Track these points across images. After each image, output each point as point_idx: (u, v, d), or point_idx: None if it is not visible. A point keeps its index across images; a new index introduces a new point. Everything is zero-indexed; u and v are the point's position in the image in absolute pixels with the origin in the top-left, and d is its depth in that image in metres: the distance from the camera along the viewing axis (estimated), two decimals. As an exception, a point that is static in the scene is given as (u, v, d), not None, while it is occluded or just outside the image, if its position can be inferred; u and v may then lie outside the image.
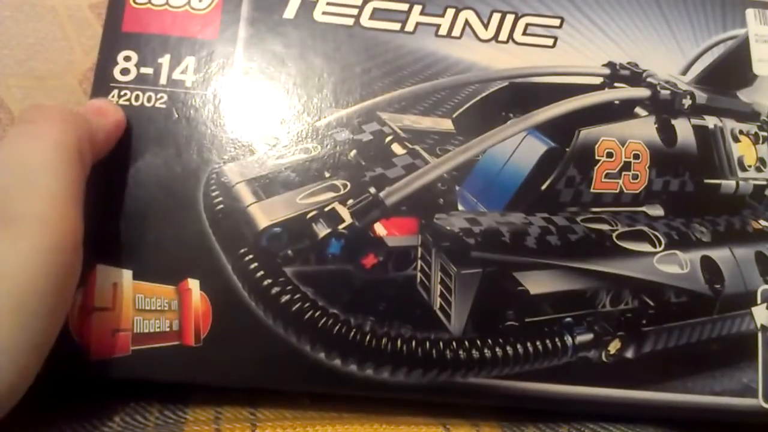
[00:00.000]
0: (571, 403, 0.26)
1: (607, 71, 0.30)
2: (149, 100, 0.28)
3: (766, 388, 0.27)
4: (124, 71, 0.28)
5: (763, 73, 0.30)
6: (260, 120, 0.28)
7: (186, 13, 0.29)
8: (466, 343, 0.26)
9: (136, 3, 0.29)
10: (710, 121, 0.30)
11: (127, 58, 0.28)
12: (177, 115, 0.28)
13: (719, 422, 0.27)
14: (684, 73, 0.30)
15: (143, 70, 0.28)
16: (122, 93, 0.28)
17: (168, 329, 0.26)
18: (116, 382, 0.25)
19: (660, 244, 0.28)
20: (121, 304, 0.26)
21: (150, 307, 0.26)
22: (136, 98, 0.28)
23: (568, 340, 0.27)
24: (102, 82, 0.28)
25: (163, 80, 0.28)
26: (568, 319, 0.27)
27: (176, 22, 0.29)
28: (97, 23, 0.33)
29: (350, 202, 0.27)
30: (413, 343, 0.26)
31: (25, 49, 0.33)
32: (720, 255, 0.28)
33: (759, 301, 0.28)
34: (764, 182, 0.29)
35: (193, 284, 0.26)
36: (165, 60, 0.28)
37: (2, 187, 0.21)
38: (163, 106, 0.28)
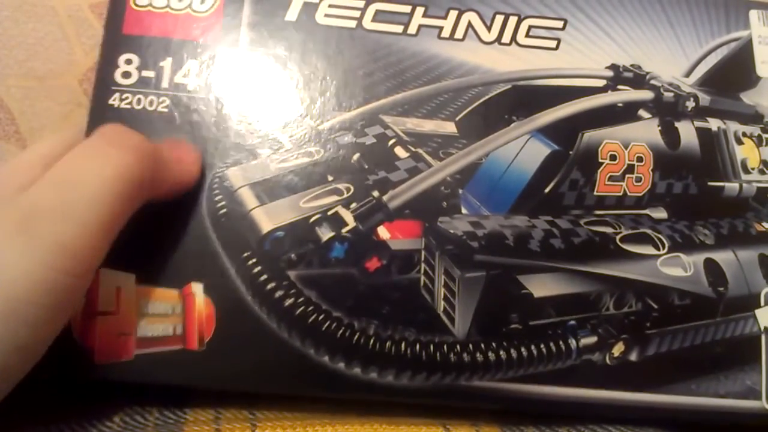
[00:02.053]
0: (576, 406, 0.26)
1: (610, 73, 0.30)
2: (151, 104, 0.28)
3: (769, 391, 0.27)
4: (126, 74, 0.28)
5: (766, 74, 0.30)
6: (263, 124, 0.28)
7: (187, 16, 0.29)
8: (470, 346, 0.26)
9: (137, 5, 0.29)
10: (714, 124, 0.30)
11: (128, 61, 0.28)
12: (179, 120, 0.27)
13: (723, 425, 0.27)
14: (687, 75, 0.30)
15: (145, 73, 0.28)
16: (123, 96, 0.28)
17: (171, 333, 0.25)
18: (119, 385, 0.25)
19: (663, 247, 0.28)
20: (125, 308, 0.25)
21: (153, 312, 0.26)
22: (138, 102, 0.28)
23: (572, 343, 0.27)
24: (103, 86, 0.28)
25: (165, 84, 0.28)
26: (572, 322, 0.27)
27: (177, 24, 0.28)
28: (97, 23, 0.33)
29: (353, 205, 0.27)
30: (417, 346, 0.26)
31: (24, 49, 0.33)
32: (723, 257, 0.28)
33: (762, 304, 0.28)
34: (767, 185, 0.29)
35: (197, 288, 0.26)
36: (167, 63, 0.28)
37: (43, 197, 0.21)
38: (165, 110, 0.27)
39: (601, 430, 0.27)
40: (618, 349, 0.27)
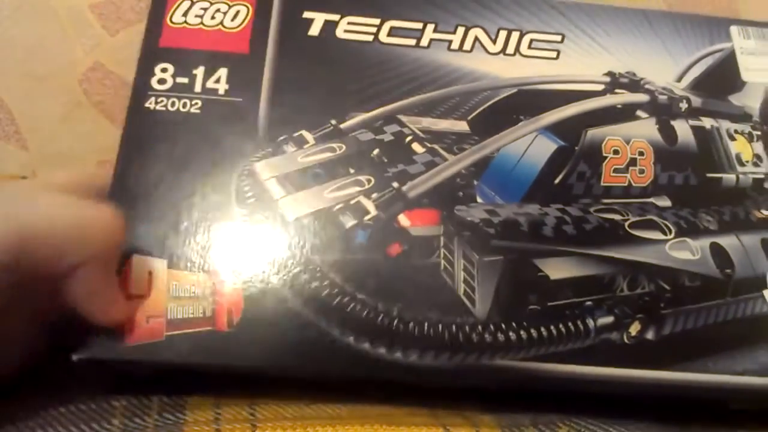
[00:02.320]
0: (596, 384, 0.27)
1: (607, 79, 0.32)
2: (185, 106, 0.30)
3: (783, 368, 0.28)
4: (161, 81, 0.30)
5: (751, 80, 0.33)
6: (288, 123, 0.30)
7: (219, 31, 0.31)
8: (492, 326, 0.27)
9: (173, 22, 0.31)
10: (707, 122, 0.32)
11: (164, 70, 0.30)
12: (210, 120, 0.29)
13: (739, 400, 0.27)
14: (678, 80, 0.33)
15: (179, 79, 0.30)
16: (159, 99, 0.30)
17: (201, 315, 0.26)
18: (150, 366, 0.26)
19: (670, 232, 0.29)
20: (156, 291, 0.26)
21: (184, 295, 0.26)
22: (172, 104, 0.30)
23: (590, 322, 0.27)
24: (140, 91, 0.30)
25: (197, 88, 0.30)
26: (589, 303, 0.28)
27: (210, 38, 0.31)
28: (97, 24, 0.34)
29: (375, 195, 0.28)
30: (440, 326, 0.27)
31: (25, 50, 0.34)
32: (728, 242, 0.29)
33: (768, 285, 0.29)
34: (762, 175, 0.31)
35: (227, 271, 0.27)
36: (199, 71, 0.30)
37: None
38: (198, 111, 0.29)
39: (599, 429, 0.27)
40: (635, 329, 0.28)
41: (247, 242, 0.27)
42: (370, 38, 0.32)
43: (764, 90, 0.33)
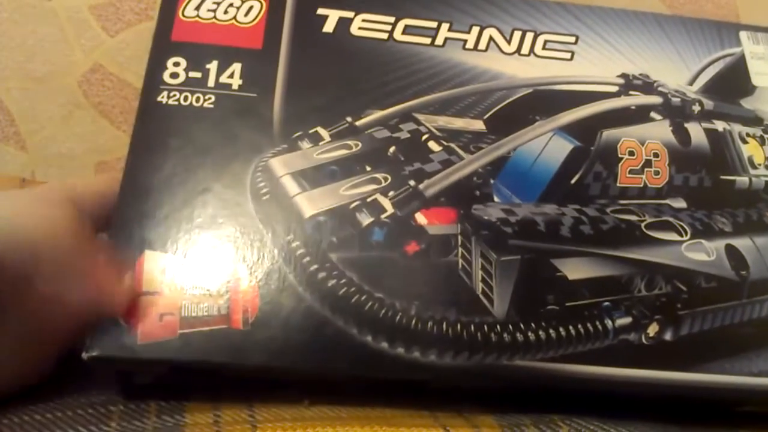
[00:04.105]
0: (615, 385, 0.27)
1: (621, 81, 0.32)
2: (197, 100, 0.29)
3: (799, 370, 0.28)
4: (174, 75, 0.29)
5: (761, 84, 0.33)
6: (303, 119, 0.29)
7: (232, 26, 0.31)
8: (510, 326, 0.27)
9: (185, 16, 0.31)
10: (719, 125, 0.32)
11: (177, 64, 0.30)
12: (223, 115, 0.29)
13: (756, 402, 0.27)
14: (690, 84, 0.33)
15: (192, 74, 0.30)
16: (171, 94, 0.29)
17: (216, 313, 0.25)
18: (164, 363, 0.25)
19: (686, 234, 0.29)
20: (169, 289, 0.26)
21: (198, 292, 0.26)
22: (185, 99, 0.29)
23: (608, 323, 0.27)
24: (152, 85, 0.29)
25: (210, 83, 0.29)
26: (607, 304, 0.27)
27: (223, 33, 0.31)
28: (96, 25, 0.33)
29: (391, 193, 0.28)
30: (458, 326, 0.26)
31: (24, 51, 0.33)
32: (742, 244, 0.29)
33: (783, 287, 0.29)
34: (774, 178, 0.31)
35: (243, 271, 0.26)
36: (213, 65, 0.30)
37: None
38: (212, 106, 0.29)
39: (600, 429, 0.27)
40: (653, 329, 0.27)
41: (263, 239, 0.27)
42: (385, 36, 0.32)
43: (775, 94, 0.33)
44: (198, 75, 0.30)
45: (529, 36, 0.33)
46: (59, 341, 0.25)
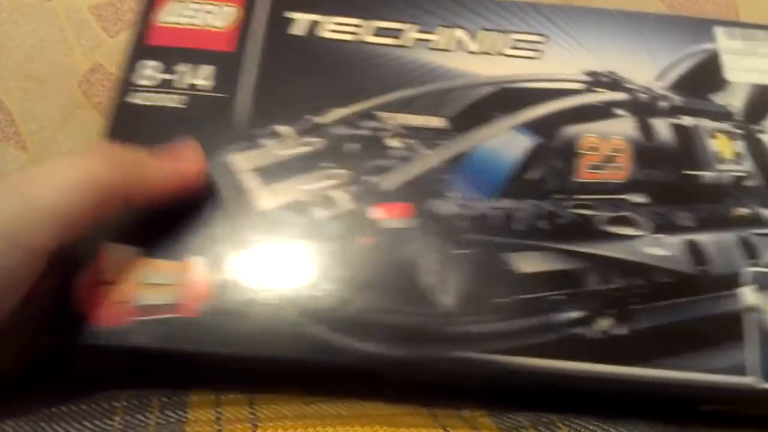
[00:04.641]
0: (564, 379, 0.27)
1: (588, 78, 0.32)
2: (170, 101, 0.31)
3: (761, 367, 0.27)
4: (147, 77, 0.31)
5: (735, 79, 0.33)
6: (266, 118, 0.30)
7: (207, 31, 0.32)
8: (459, 318, 0.27)
9: (162, 21, 0.32)
10: (687, 120, 0.32)
11: (151, 67, 0.31)
12: (192, 114, 0.30)
13: (712, 399, 0.27)
14: (659, 80, 0.33)
15: (165, 76, 0.31)
16: (144, 95, 0.31)
17: (171, 302, 0.27)
18: (117, 350, 0.26)
19: (645, 228, 0.29)
20: (126, 278, 0.27)
21: (154, 282, 0.27)
22: (157, 100, 0.31)
23: (559, 317, 0.27)
24: (126, 87, 0.31)
25: (183, 85, 0.31)
26: (559, 298, 0.28)
27: (197, 37, 0.32)
28: (96, 25, 0.34)
29: (348, 188, 0.29)
30: (407, 318, 0.27)
31: (24, 51, 0.34)
32: (704, 239, 0.29)
33: (744, 283, 0.28)
34: (743, 173, 0.31)
35: (196, 260, 0.27)
36: (186, 68, 0.31)
37: (6, 201, 0.22)
38: (183, 106, 0.30)
39: (601, 430, 0.27)
40: (605, 324, 0.27)
41: (219, 232, 0.28)
42: (353, 38, 0.33)
43: (749, 89, 0.32)
44: (171, 77, 0.31)
45: (497, 36, 0.33)
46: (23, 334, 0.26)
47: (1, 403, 0.25)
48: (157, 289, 0.27)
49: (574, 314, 0.28)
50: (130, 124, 0.30)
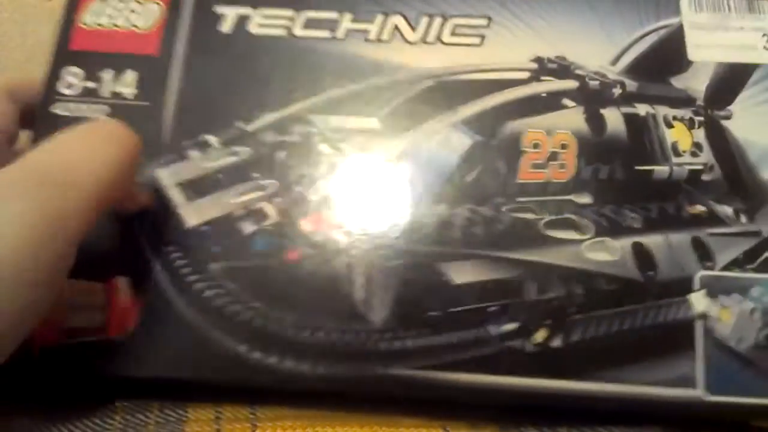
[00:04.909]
0: (498, 394, 0.26)
1: (534, 66, 0.30)
2: (92, 112, 0.30)
3: (706, 379, 0.26)
4: (69, 86, 0.30)
5: (698, 58, 0.30)
6: (193, 127, 0.29)
7: (131, 33, 0.31)
8: (388, 334, 0.26)
9: (85, 24, 0.31)
10: (641, 109, 0.29)
11: (73, 74, 0.30)
12: (117, 125, 0.29)
13: (654, 413, 0.26)
14: (614, 63, 0.30)
15: (87, 84, 0.30)
16: (67, 105, 0.30)
17: (96, 324, 0.27)
18: (46, 374, 0.26)
19: (588, 232, 0.27)
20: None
21: (79, 304, 0.27)
22: (80, 110, 0.30)
23: (493, 329, 0.26)
24: (49, 97, 0.30)
25: (105, 93, 0.30)
26: (493, 309, 0.26)
27: (120, 40, 0.31)
28: None
29: (277, 200, 0.28)
30: (334, 335, 0.26)
31: (24, 51, 0.34)
32: (652, 241, 0.27)
33: (696, 288, 0.27)
34: (700, 167, 0.29)
35: (122, 281, 0.27)
36: (108, 75, 0.30)
37: (49, 168, 0.22)
38: (104, 116, 0.29)
39: (603, 431, 0.26)
40: (540, 336, 0.26)
41: (145, 251, 0.27)
42: (284, 32, 0.31)
43: (714, 69, 0.30)
44: (93, 85, 0.30)
45: (437, 21, 0.31)
46: None
47: (2, 402, 0.25)
48: (82, 311, 0.27)
49: (511, 326, 0.26)
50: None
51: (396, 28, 0.31)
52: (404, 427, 0.26)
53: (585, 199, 0.28)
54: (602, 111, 0.29)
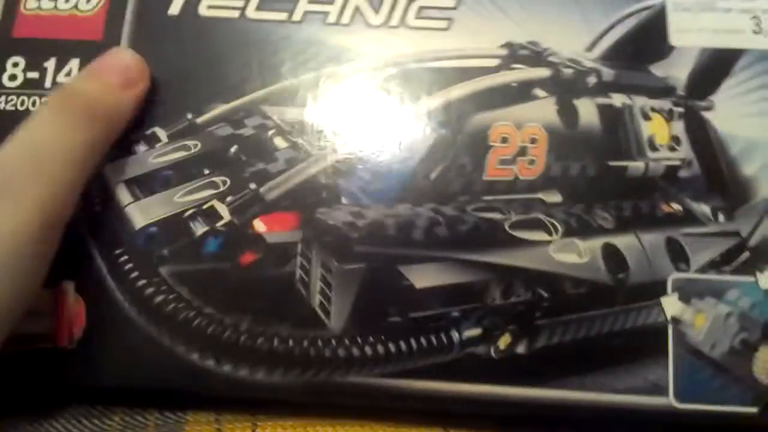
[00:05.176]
0: (459, 402, 0.25)
1: (504, 52, 0.28)
2: (34, 104, 0.28)
3: (678, 386, 0.25)
4: (12, 77, 0.28)
5: (680, 43, 0.28)
6: (140, 119, 0.27)
7: (72, 17, 0.29)
8: (346, 341, 0.25)
9: (27, 9, 0.29)
10: (617, 99, 0.28)
11: (15, 64, 0.28)
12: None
13: (623, 421, 0.25)
14: (590, 49, 0.28)
15: (29, 74, 0.28)
16: (9, 99, 0.28)
17: (43, 332, 0.25)
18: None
19: (556, 232, 0.26)
20: (-1, 307, 0.26)
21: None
22: (22, 103, 0.28)
23: (455, 335, 0.25)
24: (-10, 90, 0.28)
25: (48, 83, 0.28)
26: (455, 314, 0.25)
27: (63, 25, 0.29)
28: None
29: (229, 198, 0.26)
30: (290, 342, 0.25)
31: None
32: (624, 242, 0.26)
33: (669, 291, 0.25)
34: (677, 162, 0.27)
35: (68, 287, 0.26)
36: (50, 63, 0.28)
37: (17, 161, 0.23)
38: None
39: None
40: (504, 341, 0.25)
41: (92, 254, 0.26)
42: (237, 14, 0.29)
43: (696, 55, 0.28)
44: (36, 75, 0.28)
45: (402, 3, 0.29)
46: None
47: (1, 401, 0.25)
48: (28, 318, 0.26)
49: (475, 332, 0.25)
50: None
51: (357, 9, 0.29)
52: (404, 428, 0.25)
53: (554, 197, 0.26)
54: (575, 102, 0.27)
